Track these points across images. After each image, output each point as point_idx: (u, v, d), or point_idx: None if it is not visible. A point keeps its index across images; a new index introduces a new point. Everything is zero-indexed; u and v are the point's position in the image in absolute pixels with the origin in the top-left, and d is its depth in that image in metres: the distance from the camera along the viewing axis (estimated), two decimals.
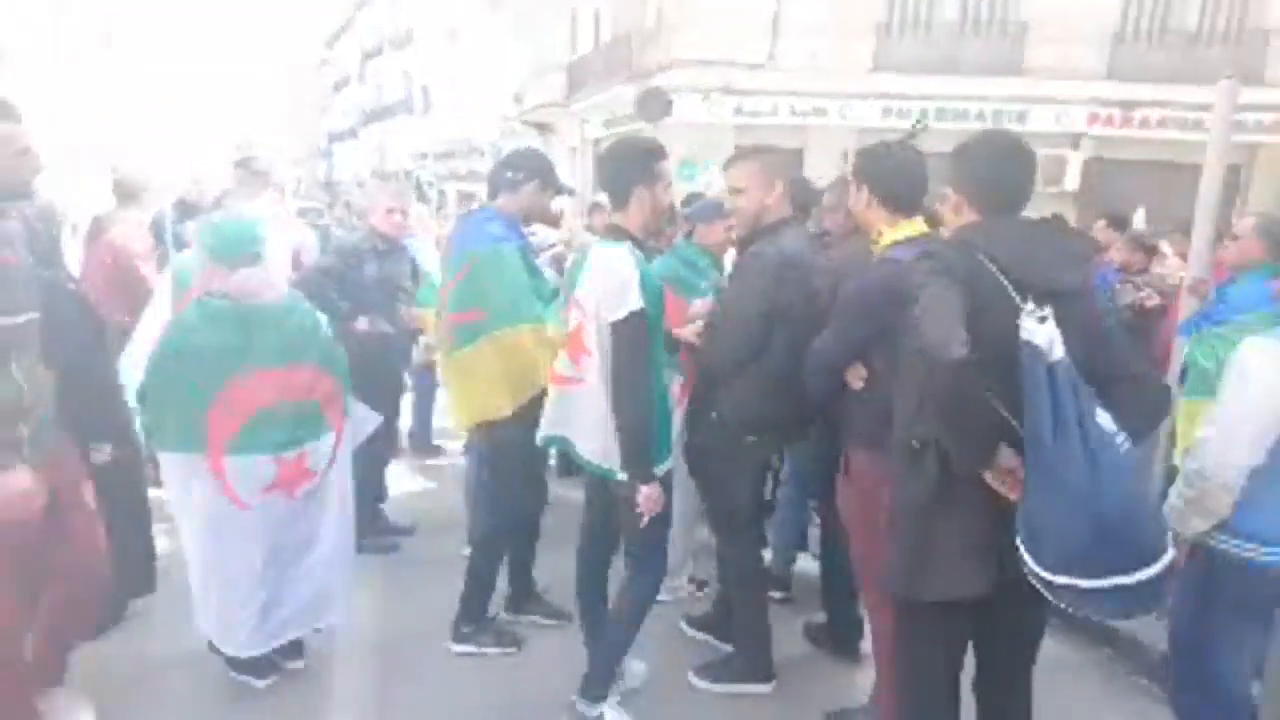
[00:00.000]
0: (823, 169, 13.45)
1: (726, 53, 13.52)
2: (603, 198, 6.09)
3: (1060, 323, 1.75)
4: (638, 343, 2.46)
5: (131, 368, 3.09)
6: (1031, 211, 2.04)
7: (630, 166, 2.61)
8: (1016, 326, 1.75)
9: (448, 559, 3.89)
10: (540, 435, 2.74)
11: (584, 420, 2.61)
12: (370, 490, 4.24)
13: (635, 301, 2.43)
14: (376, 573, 3.95)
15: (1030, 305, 1.78)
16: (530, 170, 3.15)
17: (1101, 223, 5.27)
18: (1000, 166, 1.98)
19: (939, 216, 2.39)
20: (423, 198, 14.59)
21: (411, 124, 33.40)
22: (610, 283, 2.47)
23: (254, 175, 4.52)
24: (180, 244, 5.51)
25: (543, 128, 20.64)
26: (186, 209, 5.80)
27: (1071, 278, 1.89)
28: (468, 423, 3.30)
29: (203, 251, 2.81)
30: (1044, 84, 13.34)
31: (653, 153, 2.65)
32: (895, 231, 2.42)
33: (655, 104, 13.30)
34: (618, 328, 2.45)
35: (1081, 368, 1.77)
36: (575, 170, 18.54)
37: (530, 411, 3.11)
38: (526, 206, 3.18)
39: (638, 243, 2.60)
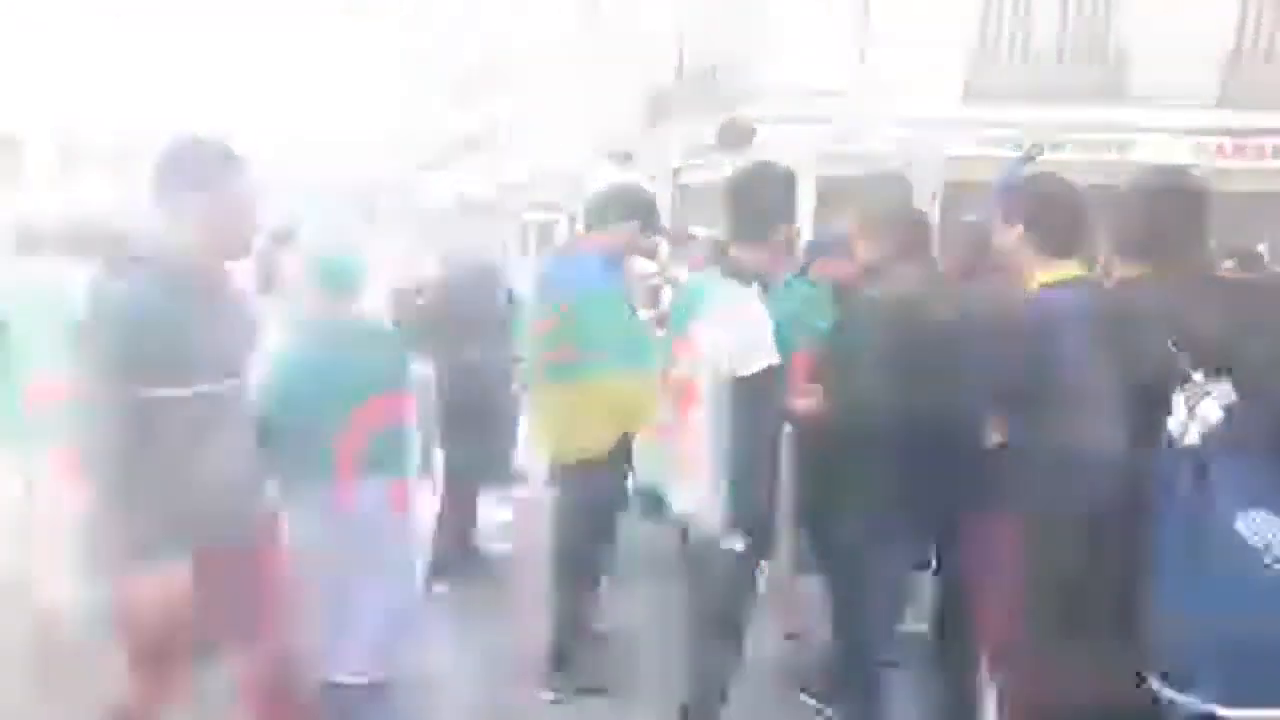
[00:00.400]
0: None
1: (812, 81, 13.36)
2: (698, 229, 5.96)
3: (1247, 401, 1.52)
4: (769, 399, 2.25)
5: None
6: None
7: (775, 197, 2.39)
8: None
9: (536, 597, 3.79)
10: (634, 484, 2.61)
11: (682, 474, 2.43)
12: (462, 523, 4.21)
13: (771, 354, 2.22)
14: (464, 610, 3.89)
15: (1199, 378, 1.57)
16: (632, 208, 3.08)
17: (1230, 263, 4.83)
18: (1159, 211, 1.76)
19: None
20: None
21: (495, 154, 34.23)
22: (741, 331, 2.25)
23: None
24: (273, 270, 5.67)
25: (621, 157, 20.78)
26: (281, 237, 5.96)
27: (1258, 347, 1.63)
28: (559, 458, 3.24)
29: (314, 283, 2.84)
30: (1148, 112, 12.73)
31: (794, 181, 2.44)
32: (1048, 275, 2.18)
33: (736, 133, 13.22)
34: (748, 382, 2.22)
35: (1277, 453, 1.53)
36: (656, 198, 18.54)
37: (620, 453, 3.06)
38: (626, 245, 3.11)
39: (764, 284, 2.41)
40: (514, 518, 5.28)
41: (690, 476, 2.39)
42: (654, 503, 2.67)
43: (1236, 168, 12.85)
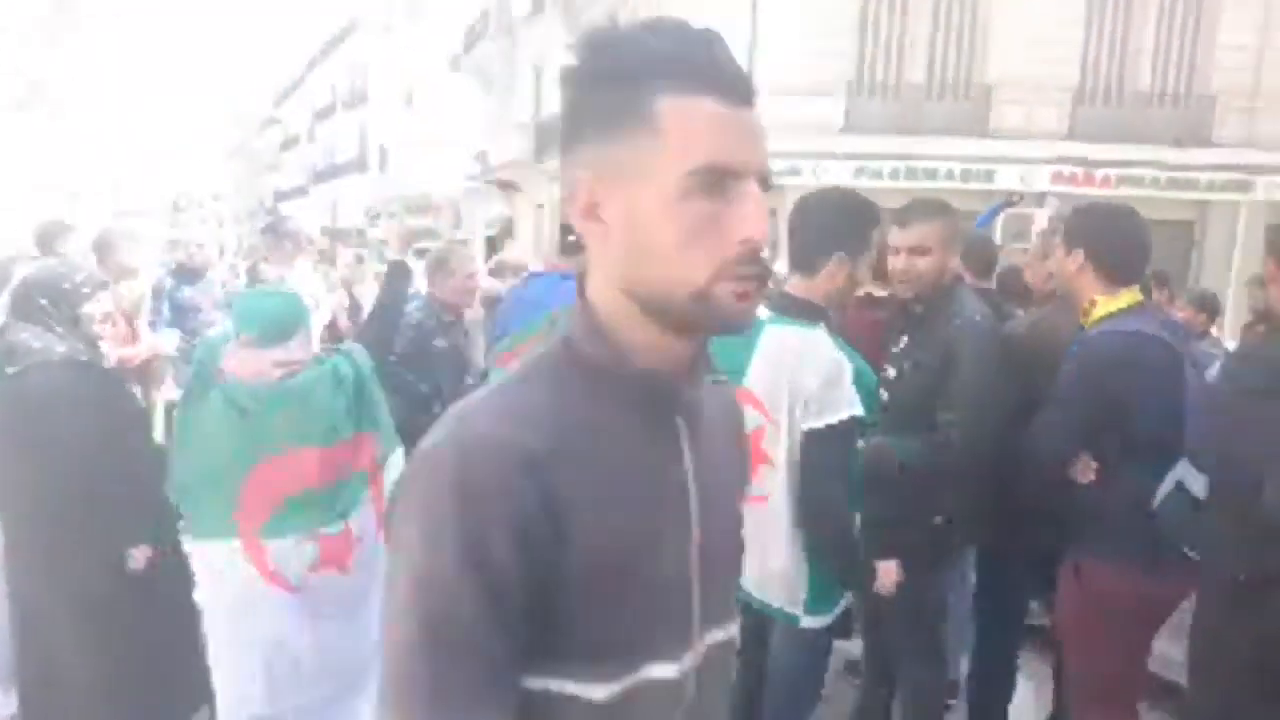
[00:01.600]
0: None
1: None
2: None
3: None
4: (845, 454, 2.04)
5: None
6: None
7: (829, 224, 2.15)
8: None
9: None
10: None
11: (752, 546, 2.20)
12: None
13: (854, 403, 2.01)
14: None
15: None
16: None
17: (1189, 310, 4.65)
18: None
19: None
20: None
21: (365, 182, 33.08)
22: (819, 376, 2.01)
23: (282, 238, 4.19)
24: (181, 311, 5.15)
25: (507, 186, 20.53)
26: (186, 274, 5.43)
27: None
28: None
29: (242, 330, 2.52)
30: (1009, 144, 13.73)
31: (865, 209, 2.20)
32: (1113, 301, 2.19)
33: None
34: (826, 435, 2.00)
35: None
36: (543, 226, 18.42)
37: None
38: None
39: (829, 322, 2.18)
40: None
41: (764, 550, 2.12)
42: None
43: (1088, 194, 14.03)
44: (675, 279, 0.78)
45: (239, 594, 2.45)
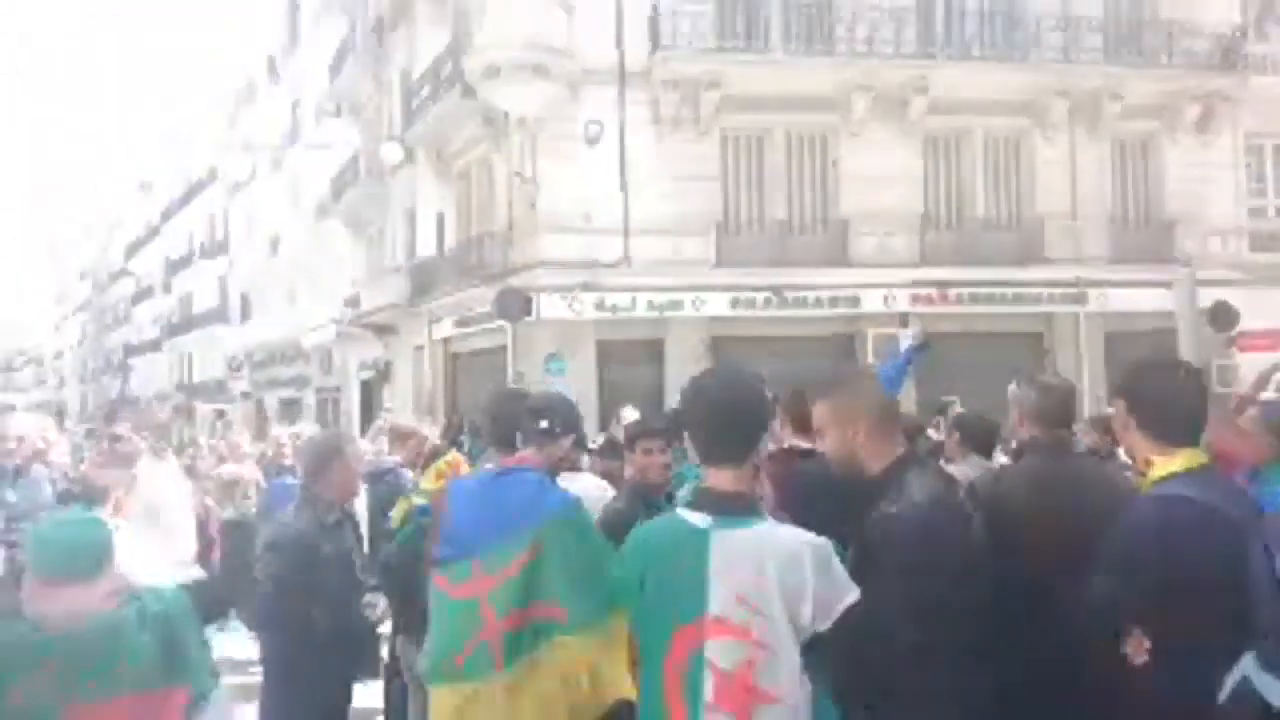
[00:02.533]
0: (682, 359, 13.83)
1: (582, 252, 13.85)
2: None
3: None
4: (869, 638, 1.84)
5: None
6: None
7: (759, 410, 2.02)
8: None
9: None
10: None
11: None
12: None
13: (851, 587, 1.85)
14: None
15: None
16: (568, 423, 2.62)
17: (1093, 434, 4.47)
18: None
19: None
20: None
21: (226, 332, 31.61)
22: (813, 569, 1.82)
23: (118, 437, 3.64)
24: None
25: (383, 330, 20.03)
26: (4, 476, 4.68)
27: None
28: None
29: (38, 568, 2.17)
30: (870, 271, 14.59)
31: (762, 384, 2.11)
32: (1170, 463, 2.02)
33: (514, 303, 13.23)
34: (843, 625, 1.82)
35: None
36: (424, 369, 17.94)
37: None
38: (558, 464, 2.60)
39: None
40: None
41: None
42: None
43: (941, 312, 14.96)
44: None
45: None
